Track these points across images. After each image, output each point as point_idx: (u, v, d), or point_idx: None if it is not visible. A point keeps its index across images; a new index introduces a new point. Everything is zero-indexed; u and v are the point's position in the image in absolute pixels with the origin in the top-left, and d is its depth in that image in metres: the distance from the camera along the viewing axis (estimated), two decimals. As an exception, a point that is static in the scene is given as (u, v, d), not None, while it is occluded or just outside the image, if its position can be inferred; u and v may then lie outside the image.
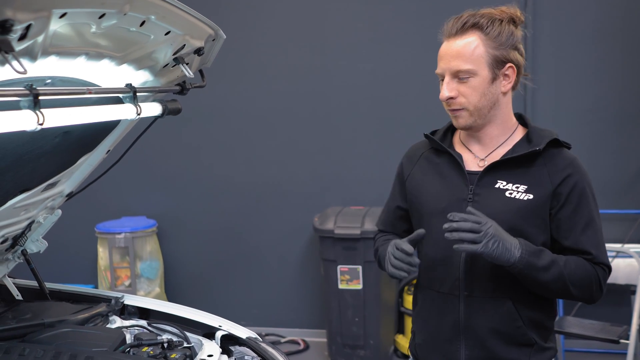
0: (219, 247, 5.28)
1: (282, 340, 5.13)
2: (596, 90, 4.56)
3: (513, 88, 1.91)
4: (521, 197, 1.83)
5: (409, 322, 4.66)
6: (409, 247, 1.83)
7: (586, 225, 1.83)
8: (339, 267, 4.44)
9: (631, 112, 4.57)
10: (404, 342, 4.70)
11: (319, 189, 5.06)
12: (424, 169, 2.04)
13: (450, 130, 2.06)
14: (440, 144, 1.99)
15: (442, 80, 1.87)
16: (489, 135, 1.92)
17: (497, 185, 1.87)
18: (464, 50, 1.82)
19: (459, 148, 1.99)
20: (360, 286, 4.44)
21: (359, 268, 4.41)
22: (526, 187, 1.84)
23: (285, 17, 5.00)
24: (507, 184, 1.86)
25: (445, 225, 1.74)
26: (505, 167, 1.87)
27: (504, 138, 1.93)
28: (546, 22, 4.58)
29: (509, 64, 1.85)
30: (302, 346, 5.03)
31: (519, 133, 1.95)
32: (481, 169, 1.91)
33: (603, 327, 3.79)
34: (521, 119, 2.00)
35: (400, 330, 4.82)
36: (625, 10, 4.52)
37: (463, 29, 1.84)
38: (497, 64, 1.83)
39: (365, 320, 4.48)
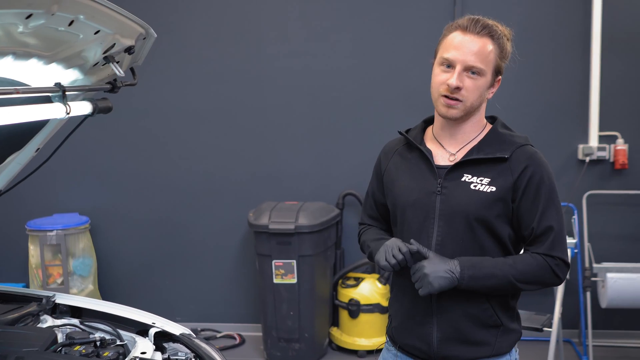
0: (153, 244, 5.25)
1: (218, 335, 5.13)
2: (523, 87, 4.71)
3: None
4: (485, 190, 1.97)
5: (343, 315, 4.74)
6: (404, 246, 1.96)
7: (545, 210, 1.96)
8: (273, 261, 4.48)
9: (557, 107, 4.75)
10: (338, 334, 4.78)
11: (253, 184, 5.08)
12: (397, 164, 2.16)
13: (423, 128, 2.19)
14: (411, 141, 2.12)
15: (447, 66, 1.97)
16: (463, 131, 2.06)
17: (463, 179, 2.00)
18: (483, 50, 1.96)
19: (430, 144, 2.12)
20: (294, 280, 4.48)
21: (294, 262, 4.45)
22: (489, 180, 1.98)
23: (217, 14, 4.98)
24: (472, 177, 1.99)
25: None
26: (472, 162, 2.01)
27: (474, 135, 2.07)
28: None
29: (500, 76, 2.04)
30: (237, 341, 5.05)
31: (486, 131, 2.09)
32: (450, 163, 2.04)
33: (528, 317, 3.94)
34: (492, 120, 2.14)
35: (335, 323, 4.89)
36: (552, 8, 4.69)
37: (482, 32, 1.97)
38: (497, 72, 2.01)
39: (300, 314, 4.53)
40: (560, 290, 3.96)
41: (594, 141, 4.72)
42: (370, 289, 4.65)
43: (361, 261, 4.72)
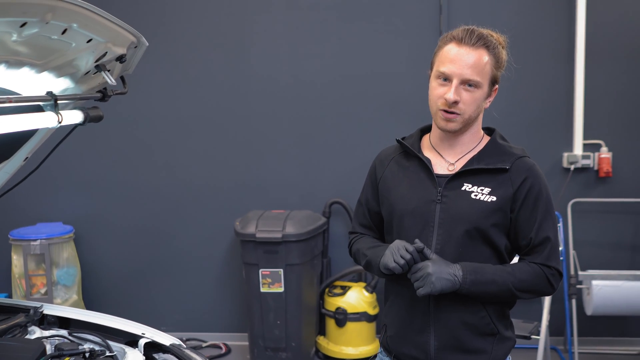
0: (138, 253, 5.21)
1: (204, 345, 5.10)
2: (507, 96, 4.74)
3: None
4: (485, 199, 1.98)
5: (330, 324, 4.73)
6: (409, 245, 1.95)
7: (542, 221, 1.99)
8: (260, 270, 4.46)
9: (542, 116, 4.79)
10: (325, 343, 4.76)
11: (239, 192, 5.06)
12: (394, 172, 2.15)
13: (419, 136, 2.18)
14: (410, 149, 2.11)
15: (444, 80, 1.98)
16: (461, 141, 2.07)
17: (463, 188, 2.01)
18: (479, 62, 1.96)
19: (427, 152, 2.12)
20: (282, 289, 4.47)
21: (281, 271, 4.44)
22: (490, 189, 1.99)
23: (204, 23, 4.97)
24: (472, 186, 2.00)
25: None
26: (472, 172, 2.02)
27: (472, 145, 2.08)
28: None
29: (496, 85, 2.05)
30: (223, 350, 5.02)
31: (484, 142, 2.10)
32: (450, 172, 2.05)
33: (516, 324, 3.89)
34: (488, 130, 2.15)
35: (322, 331, 4.88)
36: (537, 17, 4.73)
37: (478, 43, 1.97)
38: (493, 82, 2.02)
39: (287, 323, 4.52)
40: (547, 298, 3.97)
41: (578, 149, 4.76)
42: (357, 298, 4.65)
43: (348, 269, 4.72)
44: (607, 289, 4.38)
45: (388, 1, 4.80)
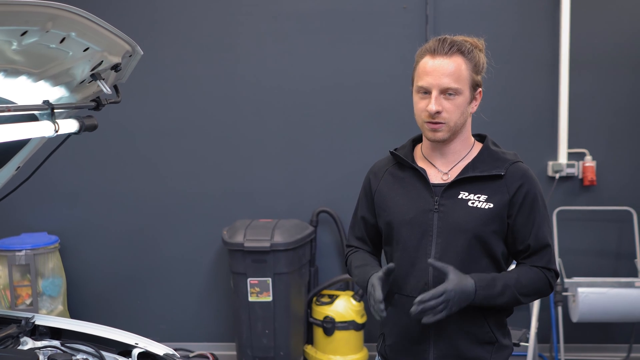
0: (124, 262, 5.17)
1: (191, 355, 5.07)
2: (492, 105, 4.78)
3: None
4: (483, 206, 2.00)
5: (318, 333, 4.72)
6: (379, 295, 1.95)
7: (540, 225, 2.03)
8: (249, 279, 4.45)
9: (526, 125, 4.83)
10: (312, 352, 4.76)
11: (226, 201, 5.05)
12: (389, 184, 2.16)
13: (412, 147, 2.20)
14: (405, 160, 2.13)
15: (424, 93, 2.00)
16: (453, 150, 2.09)
17: (460, 196, 2.03)
18: (455, 70, 1.97)
19: (420, 163, 2.13)
20: (270, 298, 4.46)
21: (269, 280, 4.44)
22: (486, 196, 2.01)
23: (192, 31, 4.97)
24: (469, 194, 2.02)
25: (414, 309, 1.88)
26: (467, 179, 2.04)
27: (464, 153, 2.10)
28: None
29: (479, 88, 2.06)
30: (211, 360, 5.01)
31: (476, 148, 2.13)
32: (444, 182, 2.06)
33: (503, 332, 3.97)
34: (480, 137, 2.18)
35: (309, 340, 4.87)
36: (521, 27, 4.78)
37: (451, 51, 1.99)
38: (474, 86, 2.03)
39: (276, 332, 4.51)
40: (536, 305, 4.00)
41: (563, 158, 4.81)
42: (345, 306, 4.65)
43: (335, 278, 4.72)
44: (593, 296, 4.42)
45: (375, 10, 4.83)
